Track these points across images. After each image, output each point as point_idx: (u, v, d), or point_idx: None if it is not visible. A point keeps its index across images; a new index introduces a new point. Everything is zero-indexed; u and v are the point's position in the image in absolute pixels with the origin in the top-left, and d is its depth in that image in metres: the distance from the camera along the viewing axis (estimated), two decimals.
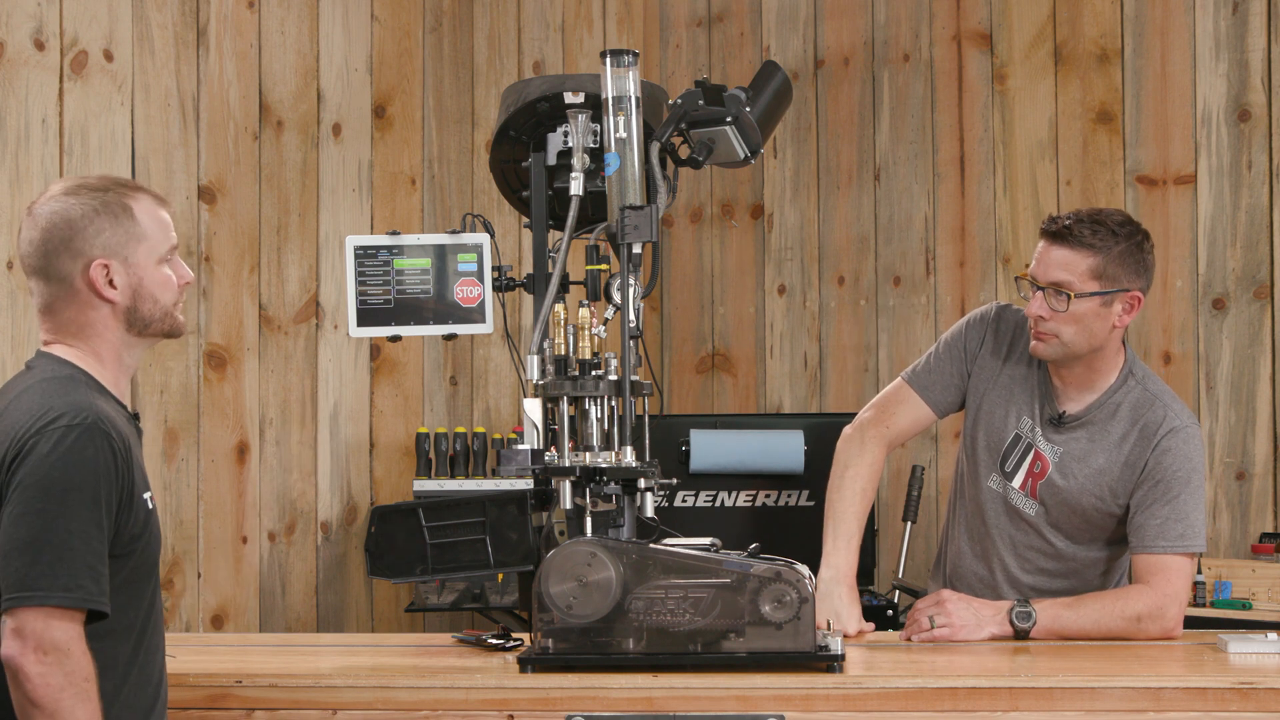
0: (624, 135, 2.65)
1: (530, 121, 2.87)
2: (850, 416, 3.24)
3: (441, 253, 2.87)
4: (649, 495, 2.59)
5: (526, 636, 2.71)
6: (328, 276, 4.67)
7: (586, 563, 2.47)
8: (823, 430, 4.34)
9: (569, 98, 2.78)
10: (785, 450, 4.40)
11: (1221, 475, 4.40)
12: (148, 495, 2.25)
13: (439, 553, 2.67)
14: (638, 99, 2.67)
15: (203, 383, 4.36)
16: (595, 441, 2.58)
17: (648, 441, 2.63)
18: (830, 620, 2.79)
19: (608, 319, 2.67)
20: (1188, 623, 2.96)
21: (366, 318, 2.87)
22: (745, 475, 4.43)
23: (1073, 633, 2.86)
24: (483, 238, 2.87)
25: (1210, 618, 3.95)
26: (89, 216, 2.26)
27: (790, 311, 5.18)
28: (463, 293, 2.87)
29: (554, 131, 2.86)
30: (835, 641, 2.55)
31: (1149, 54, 4.57)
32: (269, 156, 4.55)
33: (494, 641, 2.77)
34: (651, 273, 2.82)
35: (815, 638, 2.48)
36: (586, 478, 2.56)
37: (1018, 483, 3.08)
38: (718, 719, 2.40)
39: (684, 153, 2.77)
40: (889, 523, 4.81)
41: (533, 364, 2.61)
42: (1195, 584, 4.06)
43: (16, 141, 3.92)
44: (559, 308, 2.63)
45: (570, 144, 2.77)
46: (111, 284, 2.27)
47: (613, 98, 2.66)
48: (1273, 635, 2.68)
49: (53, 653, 2.08)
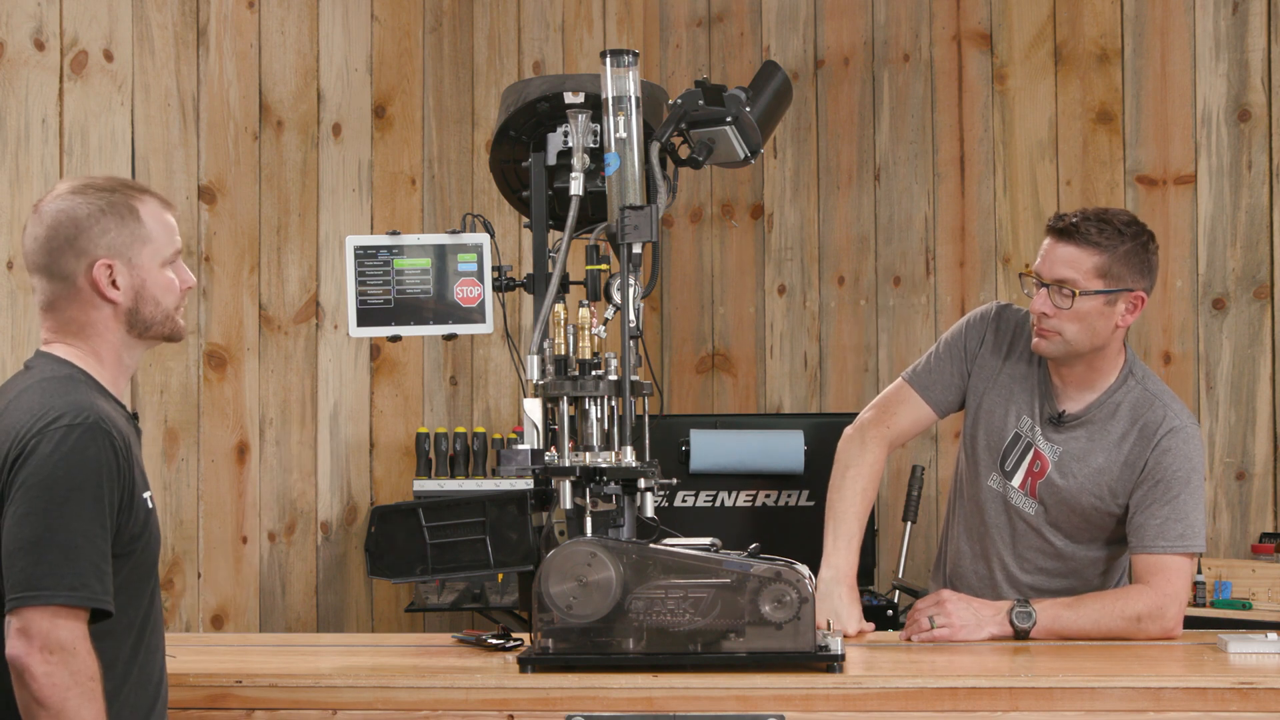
0: (624, 135, 2.65)
1: (530, 121, 2.87)
2: (850, 416, 3.24)
3: (441, 253, 2.87)
4: (649, 495, 2.59)
5: (526, 636, 2.71)
6: (328, 276, 4.67)
7: (586, 563, 2.47)
8: (823, 430, 4.34)
9: (569, 98, 2.78)
10: (785, 450, 4.40)
11: (1221, 475, 4.40)
12: (147, 495, 2.25)
13: (439, 553, 2.67)
14: (638, 99, 2.66)
15: (203, 383, 4.36)
16: (595, 441, 2.58)
17: (648, 441, 2.63)
18: (830, 620, 2.79)
19: (608, 319, 2.67)
20: (1188, 623, 2.96)
21: (366, 318, 2.87)
22: (745, 475, 4.43)
23: (1073, 633, 2.86)
24: (483, 238, 2.87)
25: (1210, 618, 3.95)
26: (95, 216, 2.26)
27: (790, 311, 5.18)
28: (463, 293, 2.87)
29: (554, 131, 2.86)
30: (835, 641, 2.54)
31: (1149, 54, 4.57)
32: (269, 156, 4.55)
33: (494, 641, 2.77)
34: (651, 273, 2.82)
35: (815, 638, 2.48)
36: (586, 478, 2.56)
37: (1017, 482, 3.08)
38: (718, 719, 2.40)
39: (684, 153, 2.76)
40: (889, 523, 4.81)
41: (533, 364, 2.61)
42: (1195, 584, 4.06)
43: (16, 141, 3.92)
44: (559, 308, 2.63)
45: (570, 144, 2.76)
46: (114, 284, 2.27)
47: (613, 98, 2.66)
48: (1273, 635, 2.68)
49: (58, 652, 2.08)
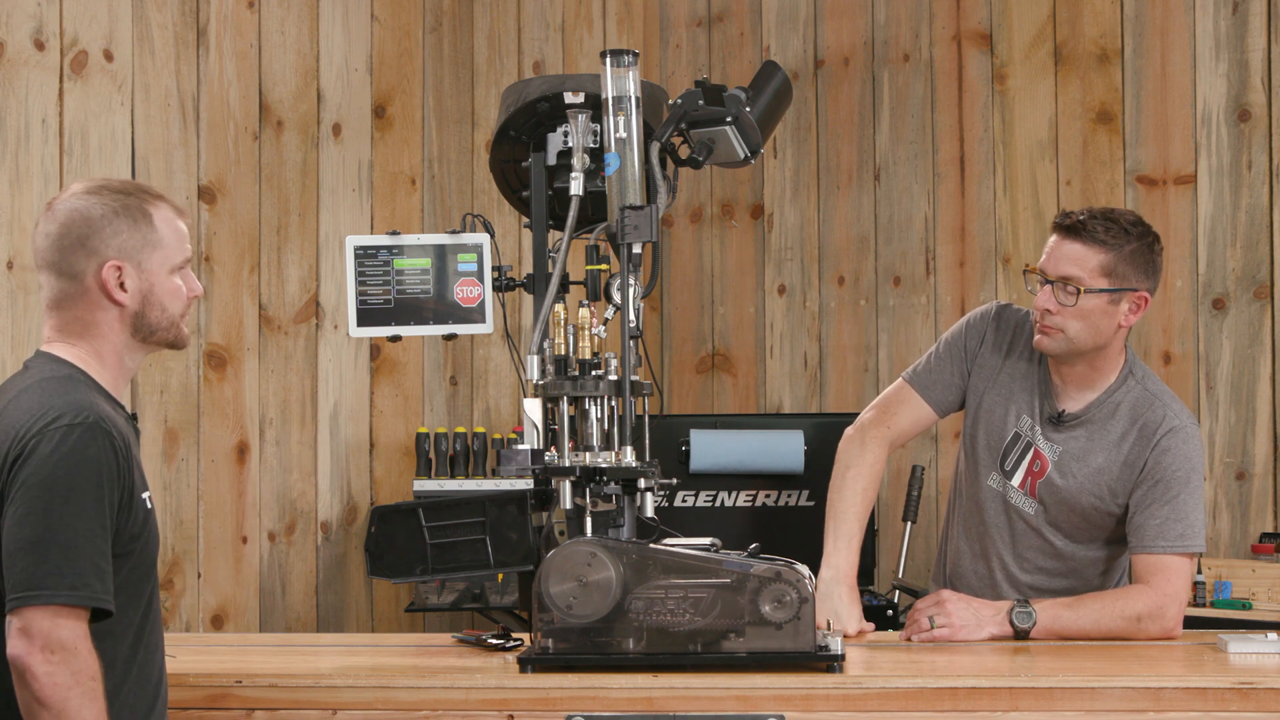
0: (624, 135, 2.65)
1: (530, 121, 2.87)
2: (850, 416, 3.24)
3: (441, 253, 2.87)
4: (649, 495, 2.59)
5: (526, 636, 2.71)
6: (328, 276, 4.67)
7: (586, 563, 2.47)
8: (823, 430, 4.34)
9: (569, 98, 2.78)
10: (785, 450, 4.40)
11: (1221, 475, 4.40)
12: (146, 495, 2.25)
13: (439, 553, 2.67)
14: (638, 99, 2.66)
15: (203, 383, 4.36)
16: (595, 441, 2.58)
17: (648, 441, 2.63)
18: (830, 620, 2.79)
19: (608, 319, 2.67)
20: (1188, 623, 2.96)
21: (366, 318, 2.87)
22: (745, 475, 4.43)
23: (1073, 633, 2.86)
24: (483, 238, 2.87)
25: (1210, 618, 3.95)
26: (108, 217, 2.26)
27: (790, 311, 5.18)
28: (463, 293, 2.87)
29: (554, 131, 2.86)
30: (835, 641, 2.54)
31: (1149, 54, 4.57)
32: (269, 156, 4.55)
33: (494, 641, 2.76)
34: (651, 273, 2.82)
35: (815, 638, 2.48)
36: (586, 478, 2.55)
37: (1017, 481, 3.08)
38: (718, 719, 2.40)
39: (684, 153, 2.76)
40: (889, 523, 4.81)
41: (533, 364, 2.61)
42: (1195, 584, 4.06)
43: (16, 141, 3.92)
44: (559, 308, 2.63)
45: (570, 144, 2.76)
46: (122, 287, 2.27)
47: (613, 98, 2.65)
48: (1273, 635, 2.68)
49: (59, 651, 2.08)
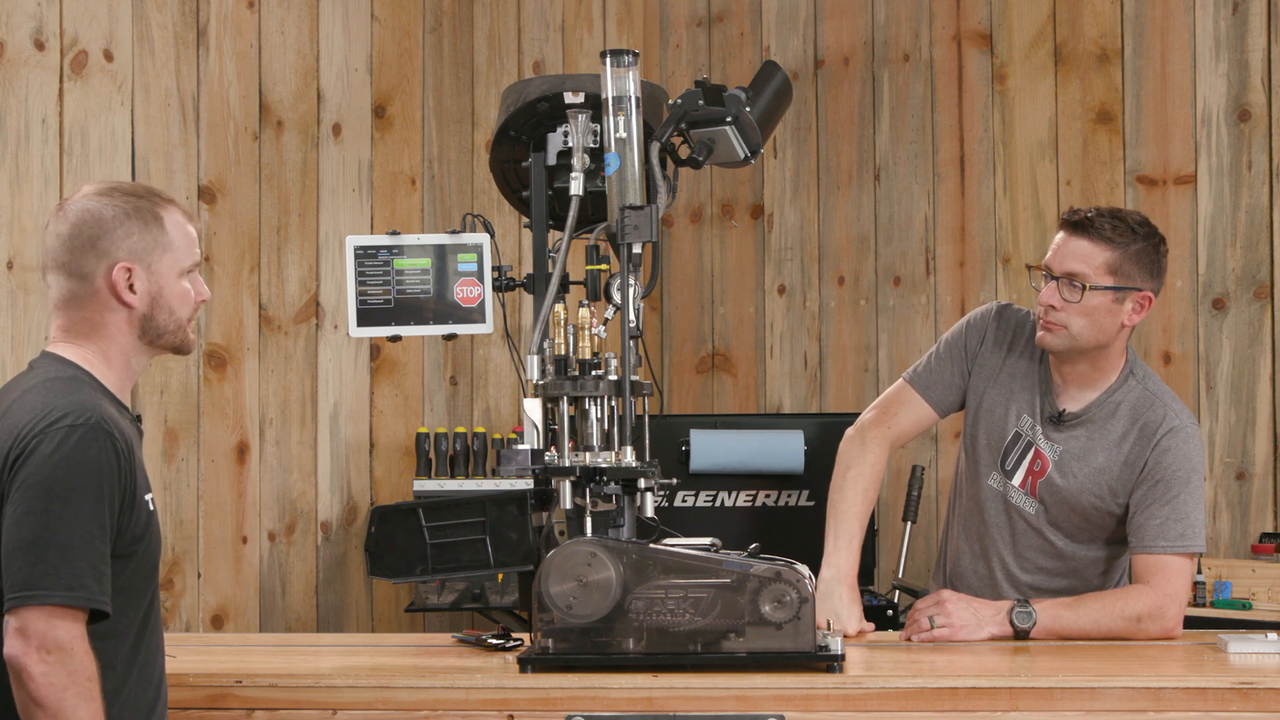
0: (624, 135, 2.65)
1: (530, 121, 2.87)
2: (850, 416, 3.24)
3: (441, 253, 2.87)
4: (649, 495, 2.59)
5: (526, 636, 2.71)
6: (328, 276, 4.67)
7: (586, 563, 2.47)
8: (823, 430, 4.34)
9: (569, 98, 2.77)
10: (785, 450, 4.40)
11: (1221, 475, 4.40)
12: (149, 497, 2.25)
13: (439, 553, 2.67)
14: (638, 99, 2.66)
15: (203, 383, 4.36)
16: (595, 441, 2.58)
17: (648, 441, 2.63)
18: (830, 620, 2.79)
19: (608, 319, 2.67)
20: (1188, 623, 2.96)
21: (366, 318, 2.87)
22: (745, 475, 4.43)
23: (1073, 633, 2.86)
24: (483, 238, 2.87)
25: (1210, 618, 3.95)
26: (119, 219, 2.27)
27: (790, 311, 5.18)
28: (463, 293, 2.87)
29: (554, 131, 2.86)
30: (835, 641, 2.54)
31: (1149, 54, 4.57)
32: (269, 156, 4.55)
33: (494, 641, 2.76)
34: (651, 273, 2.82)
35: (815, 638, 2.48)
36: (586, 478, 2.55)
37: (1018, 481, 3.08)
38: (718, 719, 2.40)
39: (684, 153, 2.76)
40: (889, 523, 4.81)
41: (533, 364, 2.61)
42: (1195, 584, 4.06)
43: (16, 141, 3.92)
44: (559, 308, 2.63)
45: (570, 144, 2.76)
46: (131, 288, 2.27)
47: (613, 98, 2.65)
48: (1273, 635, 2.68)
49: (56, 652, 2.08)
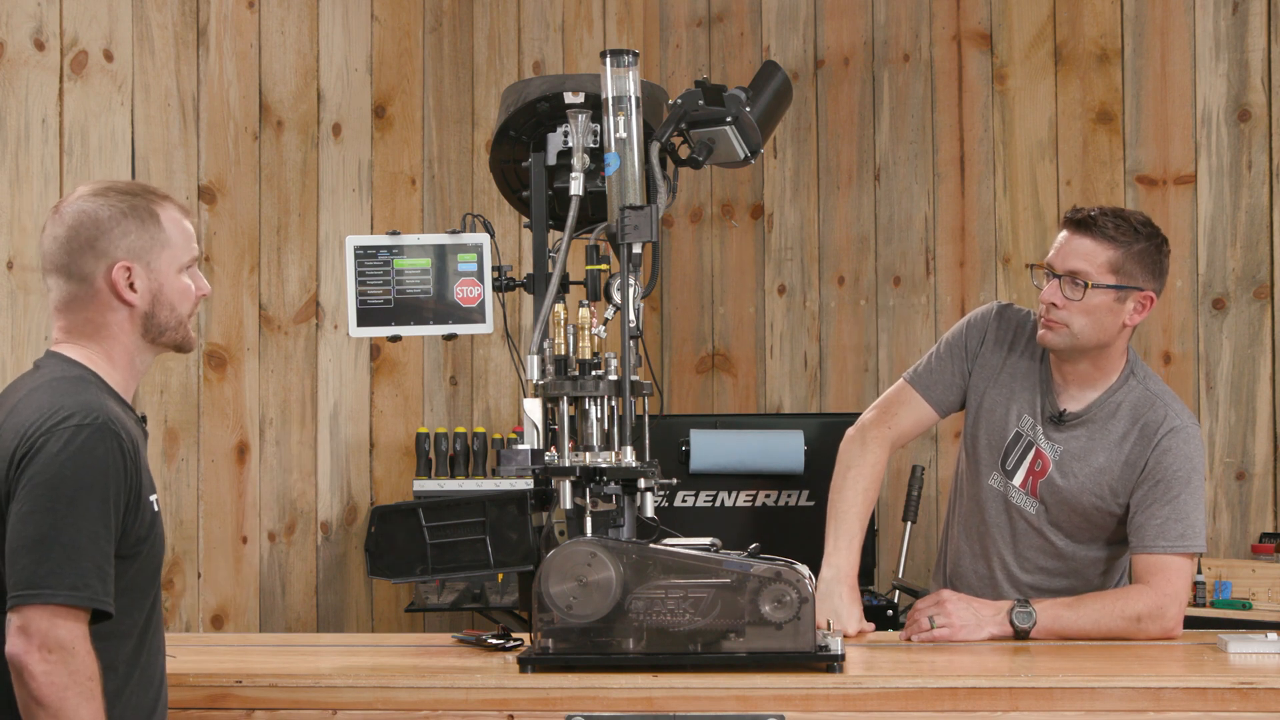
0: (624, 135, 2.65)
1: (530, 121, 2.87)
2: (850, 416, 3.24)
3: (441, 253, 2.87)
4: (649, 495, 2.59)
5: (526, 636, 2.71)
6: (328, 276, 4.67)
7: (586, 563, 2.47)
8: (823, 430, 4.34)
9: (569, 98, 2.77)
10: (785, 450, 4.40)
11: (1221, 475, 4.40)
12: (154, 498, 2.25)
13: (439, 553, 2.67)
14: (638, 99, 2.66)
15: (203, 383, 4.36)
16: (595, 441, 2.58)
17: (648, 441, 2.63)
18: (830, 620, 2.78)
19: (608, 319, 2.67)
20: (1188, 623, 2.96)
21: (366, 318, 2.87)
22: (745, 475, 4.43)
23: (1073, 633, 2.86)
24: (483, 238, 2.87)
25: (1210, 618, 3.95)
26: (116, 218, 2.27)
27: (790, 311, 5.18)
28: (463, 293, 2.87)
29: (554, 131, 2.86)
30: (835, 641, 2.54)
31: (1149, 54, 4.57)
32: (269, 156, 4.55)
33: (494, 641, 2.76)
34: (651, 273, 2.82)
35: (815, 638, 2.48)
36: (586, 478, 2.55)
37: (1018, 481, 3.08)
38: (718, 719, 2.40)
39: (684, 153, 2.76)
40: (889, 523, 4.81)
41: (533, 364, 2.61)
42: (1195, 584, 4.06)
43: (16, 141, 3.92)
44: (559, 308, 2.63)
45: (570, 144, 2.76)
46: (132, 287, 2.28)
47: (613, 98, 2.65)
48: (1273, 635, 2.68)
49: (58, 651, 2.08)
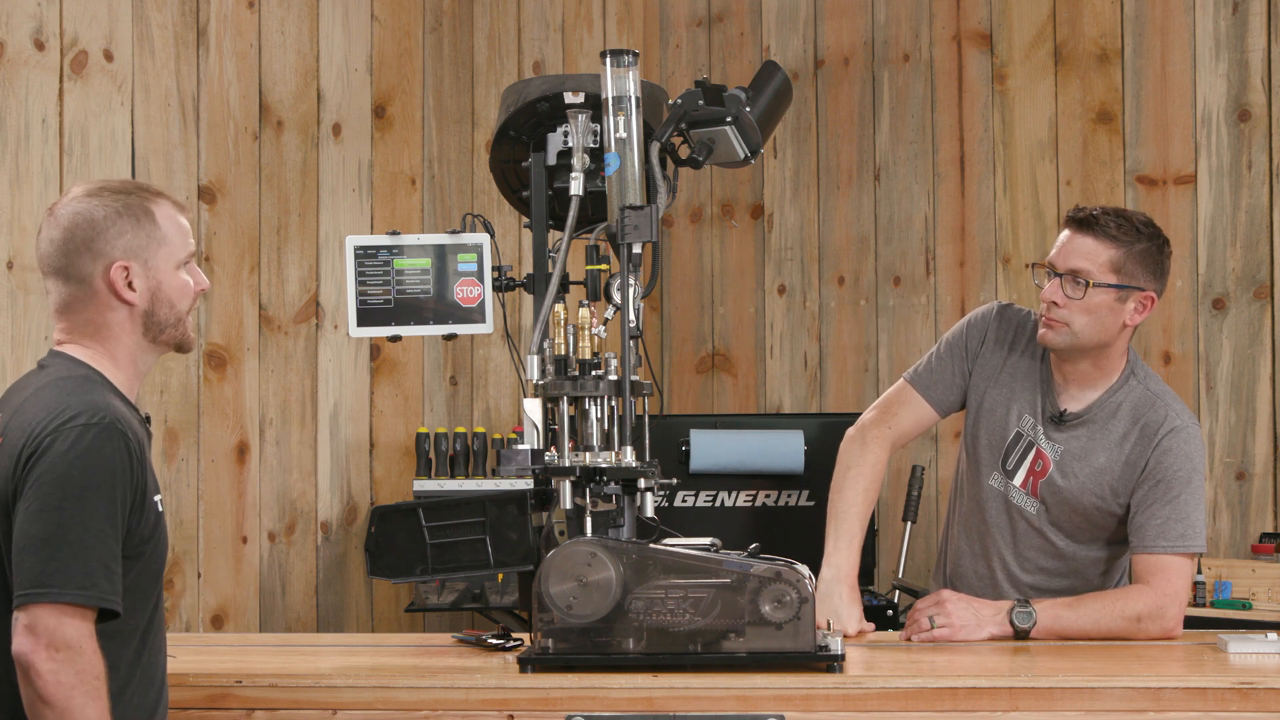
0: (624, 135, 2.65)
1: (530, 121, 2.87)
2: (850, 416, 3.24)
3: (441, 253, 2.87)
4: (649, 495, 2.59)
5: (526, 636, 2.71)
6: (328, 276, 4.67)
7: (586, 563, 2.47)
8: (823, 430, 4.34)
9: (569, 98, 2.77)
10: (785, 450, 4.40)
11: (1221, 475, 4.40)
12: (158, 498, 2.26)
13: (439, 553, 2.67)
14: (638, 99, 2.66)
15: (203, 383, 4.36)
16: (595, 441, 2.58)
17: (648, 441, 2.63)
18: (830, 620, 2.79)
19: (608, 319, 2.67)
20: (1188, 623, 2.96)
21: (366, 318, 2.87)
22: (745, 475, 4.43)
23: (1073, 633, 2.86)
24: (483, 238, 2.87)
25: (1210, 618, 3.95)
26: (111, 218, 2.27)
27: (790, 311, 5.18)
28: (463, 293, 2.87)
29: (554, 131, 2.86)
30: (835, 641, 2.54)
31: (1149, 54, 4.57)
32: (269, 156, 4.55)
33: (494, 641, 2.76)
34: (651, 273, 2.82)
35: (815, 638, 2.48)
36: (586, 478, 2.55)
37: (1019, 481, 3.08)
38: (718, 719, 2.40)
39: (684, 153, 2.76)
40: (889, 523, 4.81)
41: (533, 364, 2.61)
42: (1195, 584, 4.06)
43: (16, 141, 3.92)
44: (559, 308, 2.63)
45: (570, 144, 2.76)
46: (131, 286, 2.28)
47: (613, 98, 2.65)
48: (1273, 635, 2.68)
49: (64, 650, 2.08)
